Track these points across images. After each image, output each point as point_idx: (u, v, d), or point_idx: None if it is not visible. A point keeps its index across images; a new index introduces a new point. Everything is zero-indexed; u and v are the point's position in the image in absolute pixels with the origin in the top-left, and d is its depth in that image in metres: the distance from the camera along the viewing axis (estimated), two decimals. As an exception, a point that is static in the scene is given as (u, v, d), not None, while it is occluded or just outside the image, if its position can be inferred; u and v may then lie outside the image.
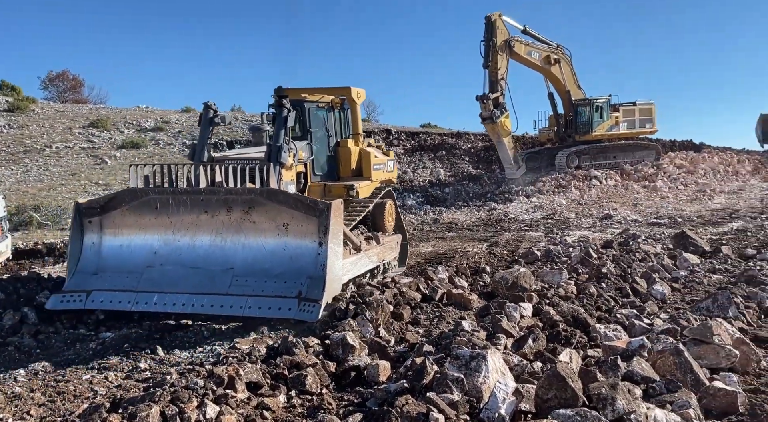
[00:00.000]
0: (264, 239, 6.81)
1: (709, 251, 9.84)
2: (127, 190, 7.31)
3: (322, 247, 6.48)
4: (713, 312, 6.08)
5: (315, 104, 9.23)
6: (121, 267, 6.99)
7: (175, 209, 6.99)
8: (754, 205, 16.54)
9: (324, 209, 6.50)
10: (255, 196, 6.83)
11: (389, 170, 10.34)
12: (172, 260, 6.95)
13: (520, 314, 6.03)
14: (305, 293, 6.37)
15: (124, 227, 7.16)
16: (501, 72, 21.74)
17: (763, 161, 25.47)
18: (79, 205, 7.20)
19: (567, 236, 12.23)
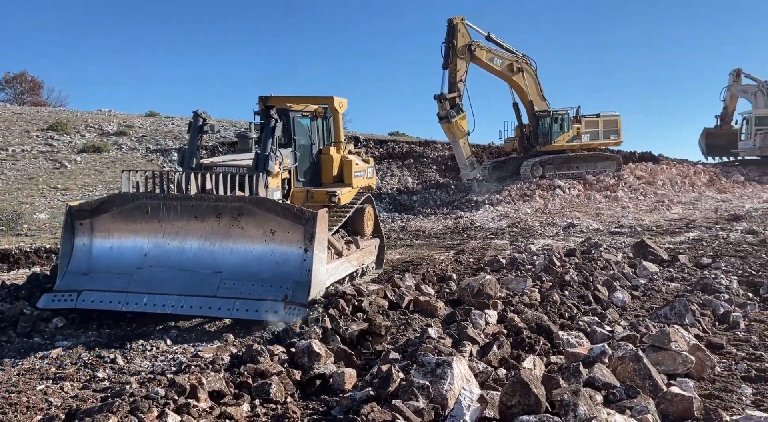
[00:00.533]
0: (252, 244, 7.09)
1: (667, 259, 10.12)
2: (118, 194, 7.58)
3: (308, 253, 6.81)
4: (671, 319, 6.25)
5: (299, 113, 9.50)
6: (112, 268, 7.17)
7: (166, 214, 7.21)
8: (709, 215, 17.11)
9: (310, 217, 6.84)
10: (244, 203, 7.11)
11: (369, 177, 10.70)
12: (161, 263, 7.15)
13: (486, 322, 6.07)
14: (291, 296, 6.65)
15: (115, 230, 7.35)
16: (460, 74, 22.17)
17: (717, 173, 26.42)
18: (71, 208, 7.42)
19: (531, 245, 12.42)
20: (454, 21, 22.35)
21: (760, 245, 11.53)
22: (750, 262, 9.93)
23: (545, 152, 24.54)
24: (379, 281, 8.85)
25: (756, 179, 26.56)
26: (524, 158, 24.85)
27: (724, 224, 14.97)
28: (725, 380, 4.80)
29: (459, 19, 22.46)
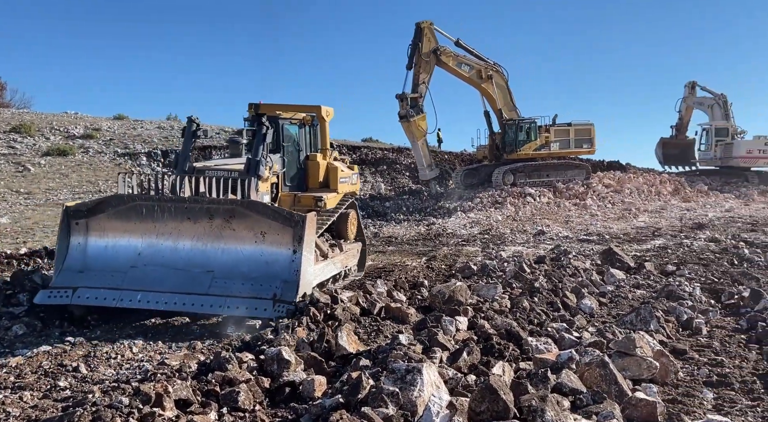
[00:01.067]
0: (242, 245, 7.40)
1: (634, 267, 10.34)
2: (114, 196, 7.88)
3: (296, 254, 7.16)
4: (636, 326, 6.39)
5: (288, 121, 9.86)
6: (106, 266, 7.41)
7: (160, 215, 7.49)
8: (674, 224, 17.55)
9: (299, 220, 7.20)
10: (236, 206, 7.41)
11: (353, 183, 11.07)
12: (155, 262, 7.40)
13: (456, 328, 6.11)
14: (280, 295, 6.98)
15: (110, 229, 7.60)
16: (423, 76, 22.49)
17: (682, 182, 27.14)
18: (67, 208, 7.66)
19: (502, 251, 12.55)
20: (422, 25, 22.78)
21: (721, 253, 11.86)
22: (712, 269, 10.21)
23: (515, 160, 24.88)
24: (351, 288, 8.84)
25: (718, 189, 27.41)
26: (496, 165, 25.14)
27: (688, 233, 15.37)
28: (688, 385, 4.92)
29: (427, 23, 22.87)
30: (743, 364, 5.50)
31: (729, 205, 22.92)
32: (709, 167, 32.50)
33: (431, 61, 22.72)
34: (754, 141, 30.56)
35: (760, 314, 6.95)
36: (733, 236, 14.14)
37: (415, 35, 22.82)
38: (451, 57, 23.33)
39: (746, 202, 24.27)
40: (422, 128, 22.43)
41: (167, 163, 20.73)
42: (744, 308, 7.50)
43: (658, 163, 33.83)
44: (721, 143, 30.87)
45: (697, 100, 33.11)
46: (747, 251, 11.67)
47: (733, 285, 8.94)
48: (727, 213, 20.27)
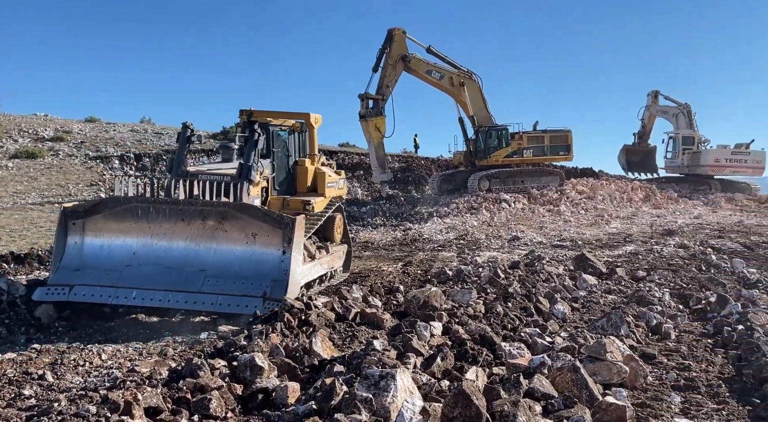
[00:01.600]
0: (234, 246, 7.74)
1: (606, 272, 10.51)
2: (111, 197, 8.24)
3: (285, 255, 7.53)
4: (607, 331, 6.49)
5: (278, 127, 10.17)
6: (102, 265, 7.71)
7: (155, 217, 7.81)
8: (645, 230, 17.89)
9: (289, 223, 7.56)
10: (229, 208, 7.78)
11: (340, 188, 11.43)
12: (149, 261, 7.72)
13: (431, 333, 6.12)
14: (270, 293, 7.33)
15: (106, 230, 7.92)
16: (388, 80, 22.76)
17: (653, 189, 27.70)
18: (65, 208, 8.01)
19: (477, 257, 12.63)
20: (394, 32, 23.09)
21: (690, 259, 12.13)
22: (681, 275, 10.44)
23: (490, 166, 25.11)
24: (327, 293, 8.81)
25: (687, 196, 28.05)
26: (471, 171, 25.34)
27: (658, 239, 15.68)
28: (656, 389, 5.01)
29: (399, 30, 23.17)
30: (709, 368, 5.63)
31: (697, 212, 23.46)
32: (674, 175, 33.32)
33: (398, 67, 23.02)
34: (721, 150, 31.39)
35: (725, 319, 7.12)
36: (701, 243, 14.48)
37: (385, 40, 23.10)
38: (420, 64, 23.60)
39: (714, 209, 24.88)
40: (380, 130, 22.61)
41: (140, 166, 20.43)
42: (711, 313, 7.68)
43: (622, 169, 34.68)
44: (688, 151, 31.67)
45: (660, 108, 33.93)
46: (714, 258, 11.96)
47: (701, 291, 9.15)
48: (696, 220, 20.74)
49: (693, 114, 32.72)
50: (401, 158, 30.64)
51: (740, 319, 6.98)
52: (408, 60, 23.10)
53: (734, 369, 5.59)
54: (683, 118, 32.70)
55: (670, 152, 33.09)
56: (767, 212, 24.24)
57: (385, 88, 22.71)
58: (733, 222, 19.86)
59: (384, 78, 22.79)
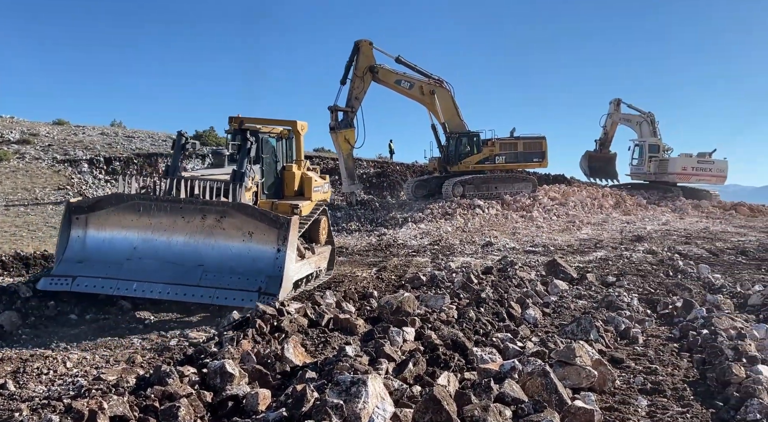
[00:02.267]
0: (231, 243, 8.21)
1: (577, 278, 10.67)
2: (114, 194, 8.72)
3: (280, 252, 8.02)
4: (577, 335, 6.58)
5: (267, 134, 10.69)
6: (104, 258, 8.10)
7: (156, 213, 8.27)
8: (615, 236, 18.23)
9: (284, 222, 8.11)
10: (227, 208, 8.30)
11: (325, 192, 12.02)
12: (149, 255, 8.13)
13: (403, 339, 6.12)
14: (265, 288, 7.81)
15: (108, 225, 8.33)
16: (356, 92, 22.94)
17: (623, 196, 28.27)
18: (69, 203, 8.44)
19: (451, 262, 12.70)
20: (360, 43, 23.24)
21: (658, 265, 12.40)
22: (649, 280, 10.66)
23: (464, 172, 25.31)
24: (300, 299, 8.76)
25: (656, 202, 28.68)
26: (446, 177, 25.51)
27: (628, 245, 15.99)
28: (624, 393, 5.10)
29: (366, 42, 23.35)
30: (675, 372, 5.75)
31: (666, 218, 24.00)
32: (639, 181, 34.08)
33: (366, 78, 23.19)
34: (688, 159, 32.21)
35: (691, 324, 7.29)
36: (669, 249, 14.80)
37: (352, 52, 23.22)
38: (389, 74, 23.77)
39: (681, 216, 25.49)
40: (349, 141, 22.71)
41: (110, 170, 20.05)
42: (677, 318, 7.85)
43: (584, 175, 35.41)
44: (654, 158, 32.46)
45: (623, 116, 34.72)
46: (681, 263, 12.24)
47: (668, 296, 9.35)
48: (664, 226, 21.21)
49: (656, 123, 33.58)
50: (376, 163, 30.70)
51: (705, 324, 7.15)
52: (376, 71, 23.29)
53: (699, 372, 5.72)
54: (647, 126, 33.53)
55: (636, 159, 33.88)
56: (731, 219, 24.95)
57: (354, 101, 22.85)
58: (699, 229, 20.37)
59: (352, 90, 22.94)
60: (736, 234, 18.81)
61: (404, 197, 26.46)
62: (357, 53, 23.11)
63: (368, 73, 23.16)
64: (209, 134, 25.61)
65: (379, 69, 23.36)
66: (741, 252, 14.51)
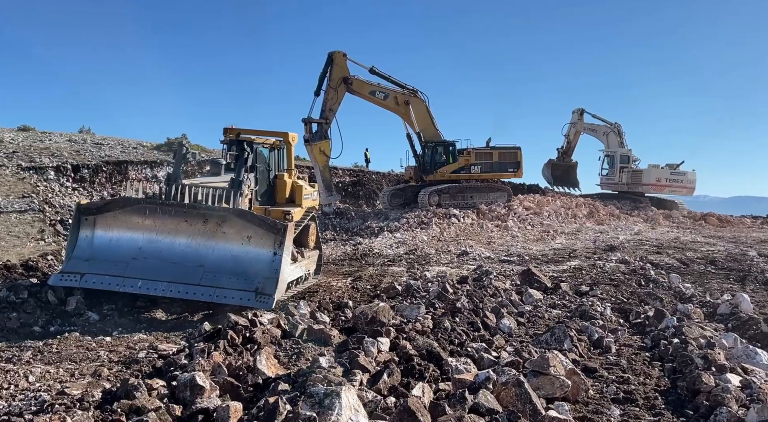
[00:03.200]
0: (231, 246, 8.82)
1: (551, 287, 10.79)
2: (122, 197, 9.32)
3: (276, 256, 8.65)
4: (551, 345, 6.64)
5: (261, 145, 11.41)
6: (110, 257, 8.69)
7: (161, 216, 8.87)
8: (588, 246, 18.50)
9: (282, 228, 8.74)
10: (228, 213, 8.92)
11: (314, 199, 12.75)
12: (153, 255, 8.74)
13: (378, 349, 6.10)
14: (261, 288, 8.40)
15: (115, 226, 8.93)
16: (330, 103, 22.89)
17: (596, 206, 28.73)
18: (79, 205, 9.15)
19: (427, 272, 12.73)
20: (334, 55, 23.26)
21: (630, 274, 12.61)
22: (622, 290, 10.83)
23: (440, 182, 25.47)
24: (273, 310, 8.69)
25: (627, 213, 29.21)
26: (422, 186, 25.61)
27: (601, 254, 16.24)
28: (597, 402, 5.16)
29: (340, 54, 23.37)
30: (647, 381, 5.84)
31: (638, 228, 24.45)
32: (608, 191, 34.66)
33: (341, 89, 23.19)
34: (661, 170, 32.94)
35: (662, 333, 7.42)
36: (641, 258, 15.08)
37: (326, 64, 23.24)
38: (363, 85, 23.85)
39: (653, 226, 26.01)
40: (325, 153, 22.72)
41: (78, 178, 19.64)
42: (649, 327, 7.98)
43: (547, 183, 35.88)
44: (626, 169, 33.09)
45: (588, 126, 35.27)
46: (653, 273, 12.47)
47: (640, 305, 9.51)
48: (636, 236, 21.61)
49: (623, 133, 34.24)
50: (352, 172, 30.69)
51: (676, 333, 7.28)
52: (350, 82, 23.32)
53: (670, 381, 5.82)
54: (614, 136, 34.14)
55: (606, 169, 34.47)
56: (701, 229, 25.55)
57: (328, 112, 22.79)
58: (670, 239, 20.81)
59: (326, 102, 22.88)
60: (705, 244, 19.26)
61: (380, 206, 26.48)
62: (331, 65, 23.13)
63: (342, 84, 23.18)
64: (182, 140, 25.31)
65: (353, 80, 23.43)
66: (710, 262, 14.86)
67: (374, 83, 24.27)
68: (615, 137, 34.04)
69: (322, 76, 23.10)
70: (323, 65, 23.28)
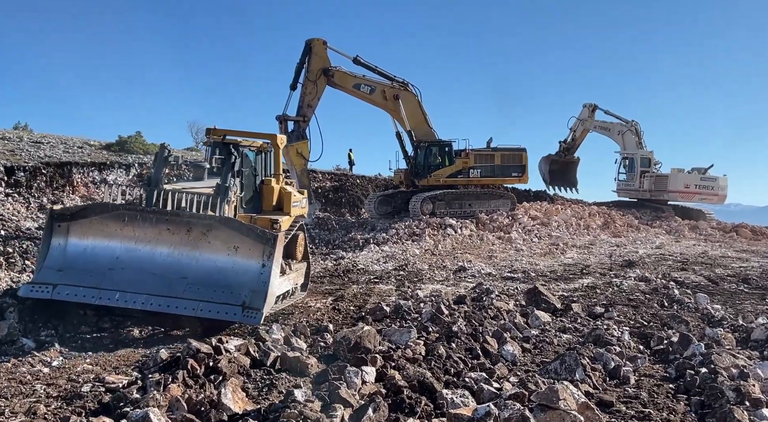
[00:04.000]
0: (216, 256, 9.23)
1: (561, 308, 10.84)
2: (99, 203, 9.87)
3: (265, 268, 9.08)
4: (561, 375, 6.66)
5: (247, 148, 11.96)
6: (85, 267, 9.00)
7: (141, 224, 9.24)
8: (603, 261, 18.65)
9: (271, 238, 9.18)
10: (214, 221, 9.35)
11: (303, 207, 13.26)
12: (132, 266, 9.08)
13: (362, 380, 6.09)
14: (248, 302, 8.85)
15: (90, 233, 9.23)
16: (309, 99, 22.96)
17: (612, 215, 28.90)
18: (53, 210, 9.40)
19: (419, 290, 12.74)
20: (312, 43, 23.23)
21: (652, 294, 12.72)
22: (642, 312, 10.91)
23: (434, 187, 25.46)
24: (241, 335, 8.64)
25: (648, 223, 29.36)
26: (413, 192, 25.62)
27: (618, 271, 16.37)
28: (614, 441, 5.17)
29: (319, 42, 23.36)
30: (671, 417, 5.86)
31: (660, 241, 24.69)
32: (625, 199, 34.69)
33: (320, 82, 23.21)
34: (690, 176, 32.71)
35: (688, 362, 7.47)
36: (664, 276, 15.23)
37: (303, 53, 23.23)
38: (346, 78, 23.88)
39: (677, 238, 26.26)
40: (303, 154, 22.73)
41: (12, 182, 19.45)
42: (673, 355, 8.04)
43: (542, 180, 36.06)
44: (647, 174, 33.05)
45: (600, 123, 35.26)
46: (677, 292, 12.58)
47: (663, 329, 9.58)
48: (658, 250, 21.82)
49: (641, 132, 34.22)
50: (334, 176, 30.70)
51: (703, 361, 7.34)
52: (331, 74, 23.35)
53: (697, 417, 5.85)
54: (631, 136, 34.00)
55: (624, 173, 34.32)
56: (732, 242, 25.80)
57: (306, 108, 22.80)
58: (697, 253, 21.03)
59: (304, 96, 22.89)
60: (737, 259, 19.49)
61: (366, 215, 26.50)
62: (309, 54, 23.11)
63: (322, 76, 23.18)
64: (135, 139, 25.19)
65: (334, 72, 23.43)
66: (743, 280, 15.02)
67: (359, 75, 24.29)
68: (632, 136, 34.06)
69: (299, 67, 23.11)
70: (300, 55, 23.27)
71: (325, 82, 23.35)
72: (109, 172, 21.96)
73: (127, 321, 9.32)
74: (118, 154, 23.91)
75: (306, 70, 23.04)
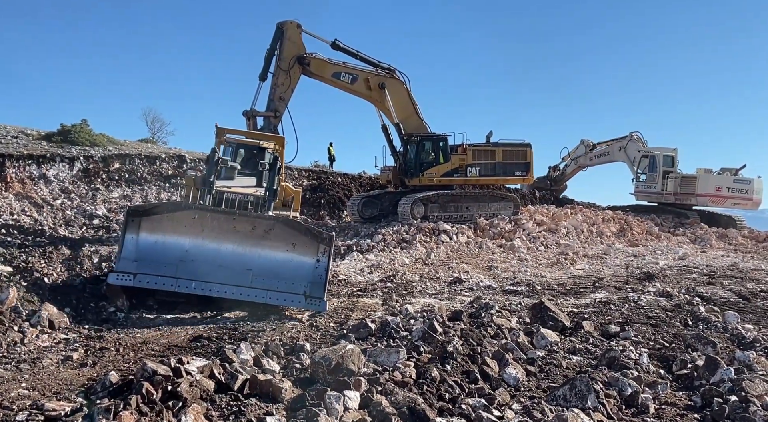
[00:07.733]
0: (276, 252, 12.02)
1: (570, 326, 10.89)
2: (171, 202, 13.81)
3: (320, 263, 12.01)
4: (570, 402, 6.70)
5: (267, 149, 15.17)
6: (157, 258, 11.50)
7: (209, 222, 11.90)
8: (618, 273, 18.75)
9: (327, 237, 12.13)
10: (276, 221, 12.29)
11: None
12: (200, 258, 11.67)
13: (344, 406, 6.11)
14: (309, 292, 11.76)
15: (161, 229, 11.77)
16: (281, 90, 22.71)
17: (629, 221, 29.02)
18: (129, 207, 12.31)
19: (409, 305, 12.76)
20: (285, 26, 22.89)
21: (674, 311, 12.80)
22: (663, 331, 10.98)
23: (424, 187, 25.40)
24: (205, 355, 8.60)
25: (670, 231, 29.47)
26: (403, 193, 25.59)
27: (635, 284, 16.48)
28: (631, 476, 5.21)
29: (292, 25, 23.06)
30: (695, 449, 5.92)
31: (683, 251, 24.85)
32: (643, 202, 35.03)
33: (294, 71, 22.96)
34: (722, 177, 32.54)
35: (716, 388, 7.53)
36: (688, 291, 15.32)
37: (274, 38, 22.97)
38: (325, 66, 23.73)
39: (703, 248, 26.45)
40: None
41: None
42: (698, 380, 8.10)
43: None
44: (671, 175, 33.01)
45: (595, 156, 36.56)
46: (703, 310, 12.67)
47: (687, 351, 9.64)
48: (681, 261, 21.97)
49: (644, 141, 34.81)
50: (312, 173, 30.69)
51: (733, 388, 7.40)
52: (306, 62, 23.14)
53: (725, 450, 5.90)
54: (634, 144, 34.81)
55: (644, 174, 34.29)
56: (766, 253, 25.92)
57: (278, 102, 22.53)
58: (726, 265, 21.19)
59: (276, 88, 22.63)
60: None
61: (348, 219, 26.51)
62: (281, 39, 22.80)
63: (296, 65, 22.92)
64: (80, 128, 24.94)
65: (310, 59, 23.19)
66: (776, 296, 15.14)
67: (338, 62, 24.06)
68: (634, 144, 34.54)
69: (269, 54, 22.77)
70: (271, 40, 22.94)
71: (299, 72, 23.00)
72: (49, 166, 21.78)
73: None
74: (60, 145, 23.66)
75: (277, 57, 22.70)
